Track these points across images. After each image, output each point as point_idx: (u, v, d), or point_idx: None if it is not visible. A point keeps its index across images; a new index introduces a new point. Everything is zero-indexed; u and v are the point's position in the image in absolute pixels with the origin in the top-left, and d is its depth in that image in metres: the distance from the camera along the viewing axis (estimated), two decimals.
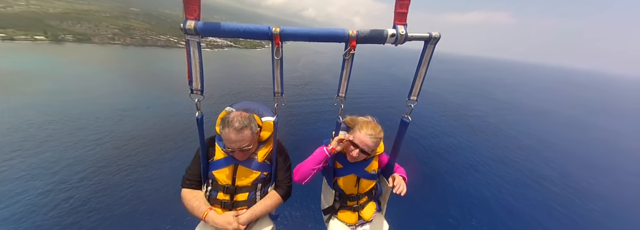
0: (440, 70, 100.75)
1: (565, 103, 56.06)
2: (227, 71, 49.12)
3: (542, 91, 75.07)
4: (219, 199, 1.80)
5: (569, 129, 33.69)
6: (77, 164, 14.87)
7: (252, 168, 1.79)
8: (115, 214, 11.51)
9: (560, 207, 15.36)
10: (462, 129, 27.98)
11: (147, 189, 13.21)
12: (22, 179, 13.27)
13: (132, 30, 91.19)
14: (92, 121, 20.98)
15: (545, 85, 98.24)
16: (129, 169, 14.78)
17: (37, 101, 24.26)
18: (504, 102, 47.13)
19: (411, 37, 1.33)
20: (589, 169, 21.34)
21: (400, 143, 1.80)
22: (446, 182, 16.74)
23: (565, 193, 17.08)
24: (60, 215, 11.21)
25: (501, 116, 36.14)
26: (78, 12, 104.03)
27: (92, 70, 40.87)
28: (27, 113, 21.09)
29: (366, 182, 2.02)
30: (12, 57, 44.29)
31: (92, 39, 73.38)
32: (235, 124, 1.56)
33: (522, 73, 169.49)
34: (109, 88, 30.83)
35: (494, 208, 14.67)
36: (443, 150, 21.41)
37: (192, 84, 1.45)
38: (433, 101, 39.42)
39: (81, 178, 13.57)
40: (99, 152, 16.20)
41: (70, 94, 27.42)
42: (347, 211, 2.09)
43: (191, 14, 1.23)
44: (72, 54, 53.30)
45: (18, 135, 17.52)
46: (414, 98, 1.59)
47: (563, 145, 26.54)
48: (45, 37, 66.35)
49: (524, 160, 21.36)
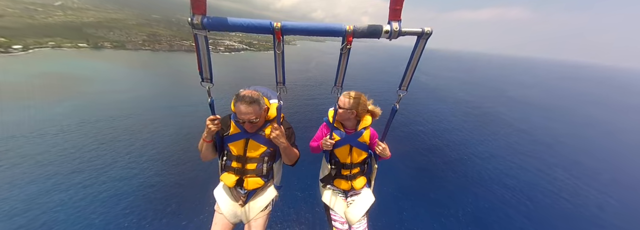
0: (452, 69, 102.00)
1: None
2: (242, 72, 54.83)
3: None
4: (233, 167, 2.20)
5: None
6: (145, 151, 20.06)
7: (260, 142, 2.14)
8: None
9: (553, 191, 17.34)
10: (460, 120, 31.51)
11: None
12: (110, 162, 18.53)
13: (159, 36, 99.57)
14: (156, 116, 26.31)
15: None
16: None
17: (101, 99, 30.08)
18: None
19: (404, 32, 1.39)
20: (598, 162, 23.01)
21: (389, 126, 2.08)
22: (437, 169, 19.20)
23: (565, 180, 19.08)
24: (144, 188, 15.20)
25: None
26: (108, 20, 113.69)
27: (138, 73, 47.49)
28: (98, 109, 26.81)
29: (358, 152, 2.38)
30: (66, 62, 51.72)
31: (126, 46, 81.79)
32: (246, 98, 1.89)
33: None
34: (155, 89, 36.65)
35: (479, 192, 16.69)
36: (449, 144, 24.03)
37: (203, 74, 1.62)
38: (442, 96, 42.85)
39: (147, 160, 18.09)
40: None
41: (126, 93, 33.26)
42: (341, 180, 2.46)
43: (198, 9, 1.31)
44: (115, 59, 60.72)
45: (100, 125, 23.03)
46: (404, 88, 1.73)
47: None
48: (87, 44, 75.11)
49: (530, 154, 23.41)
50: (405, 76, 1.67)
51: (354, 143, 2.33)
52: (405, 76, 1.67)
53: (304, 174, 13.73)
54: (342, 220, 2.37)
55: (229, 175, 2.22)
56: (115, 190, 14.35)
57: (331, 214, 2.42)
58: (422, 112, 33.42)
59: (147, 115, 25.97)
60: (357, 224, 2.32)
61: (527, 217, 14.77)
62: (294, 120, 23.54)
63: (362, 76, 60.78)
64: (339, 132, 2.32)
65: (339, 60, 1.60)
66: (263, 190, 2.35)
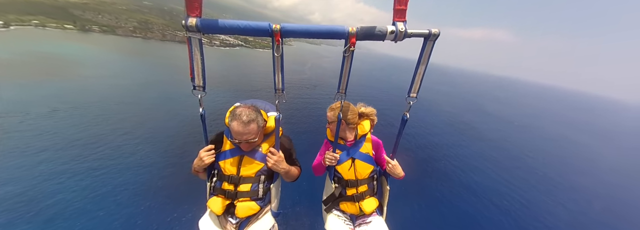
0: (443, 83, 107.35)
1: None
2: (236, 70, 54.76)
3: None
4: (224, 189, 1.92)
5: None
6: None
7: (256, 159, 1.91)
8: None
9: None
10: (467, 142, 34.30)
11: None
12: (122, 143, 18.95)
13: (150, 24, 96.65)
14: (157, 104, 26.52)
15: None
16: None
17: (96, 83, 29.69)
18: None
19: (410, 33, 1.33)
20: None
21: (399, 140, 1.89)
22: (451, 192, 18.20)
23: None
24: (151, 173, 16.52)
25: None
26: (97, 3, 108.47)
27: (133, 60, 46.57)
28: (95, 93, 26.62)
29: (361, 165, 2.11)
30: (53, 43, 49.43)
31: (116, 31, 78.88)
32: (243, 117, 1.70)
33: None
34: (152, 77, 36.45)
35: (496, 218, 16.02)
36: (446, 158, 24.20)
37: (195, 81, 1.49)
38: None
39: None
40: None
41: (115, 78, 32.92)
42: (347, 202, 2.15)
43: (193, 11, 1.24)
44: (104, 44, 58.55)
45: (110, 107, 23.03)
46: (413, 95, 1.62)
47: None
48: (73, 26, 71.69)
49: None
50: (414, 82, 1.59)
51: (357, 155, 2.12)
52: (414, 82, 1.59)
53: (303, 197, 13.21)
54: None
55: (218, 199, 1.95)
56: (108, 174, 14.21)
57: None
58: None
59: (144, 103, 26.15)
60: None
61: None
62: (288, 124, 24.34)
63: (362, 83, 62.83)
64: (339, 146, 2.15)
65: (341, 64, 1.50)
66: (258, 217, 2.04)
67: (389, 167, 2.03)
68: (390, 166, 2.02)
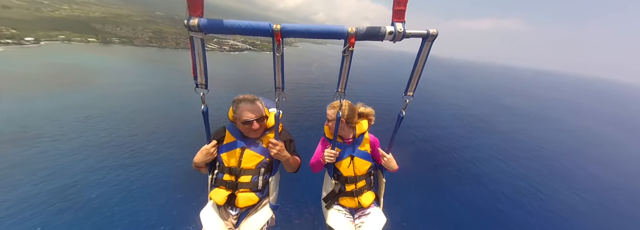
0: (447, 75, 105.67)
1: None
2: (242, 73, 57.02)
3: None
4: (225, 180, 2.02)
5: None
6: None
7: (257, 152, 2.02)
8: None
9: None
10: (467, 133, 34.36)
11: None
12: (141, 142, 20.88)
13: (164, 33, 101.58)
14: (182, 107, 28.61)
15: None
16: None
17: (123, 91, 32.25)
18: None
19: (409, 34, 1.35)
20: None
21: (395, 135, 1.95)
22: (446, 183, 18.49)
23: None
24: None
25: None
26: (114, 16, 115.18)
27: (152, 68, 49.72)
28: (120, 99, 29.04)
29: (360, 162, 2.22)
30: (80, 55, 53.61)
31: (134, 42, 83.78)
32: (248, 97, 1.88)
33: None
34: (170, 82, 38.95)
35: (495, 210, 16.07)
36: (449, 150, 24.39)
37: (197, 79, 1.53)
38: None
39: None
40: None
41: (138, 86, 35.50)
42: (347, 197, 2.26)
43: (195, 11, 1.27)
44: (124, 55, 62.77)
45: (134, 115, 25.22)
46: (410, 94, 1.66)
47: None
48: (96, 39, 76.93)
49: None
50: (411, 81, 1.62)
51: (355, 153, 2.23)
52: (411, 81, 1.62)
53: (303, 193, 13.72)
54: None
55: (220, 191, 2.05)
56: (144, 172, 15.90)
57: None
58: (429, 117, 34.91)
59: (166, 108, 28.23)
60: None
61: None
62: (297, 122, 25.58)
63: (364, 80, 63.57)
64: (339, 144, 2.23)
65: (341, 64, 1.52)
66: (257, 209, 2.15)
67: (385, 160, 2.13)
68: (385, 160, 2.13)
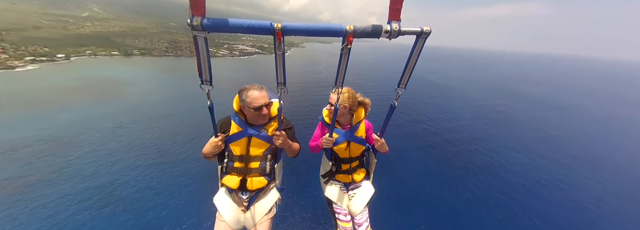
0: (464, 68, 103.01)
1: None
2: (251, 77, 59.37)
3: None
4: (235, 167, 2.20)
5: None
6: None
7: (263, 140, 2.16)
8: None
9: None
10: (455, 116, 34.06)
11: None
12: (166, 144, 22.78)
13: (179, 43, 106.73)
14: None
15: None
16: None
17: (151, 99, 34.95)
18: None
19: (404, 31, 1.40)
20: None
21: (387, 122, 2.11)
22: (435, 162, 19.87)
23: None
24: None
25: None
26: (132, 29, 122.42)
27: (170, 76, 53.13)
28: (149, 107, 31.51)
29: (355, 146, 2.47)
30: (107, 68, 58.18)
31: (152, 52, 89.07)
32: (255, 85, 2.01)
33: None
34: (188, 90, 41.52)
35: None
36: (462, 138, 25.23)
37: (202, 76, 1.61)
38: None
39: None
40: None
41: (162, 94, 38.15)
42: (342, 174, 2.57)
43: (197, 10, 1.30)
44: (145, 65, 67.22)
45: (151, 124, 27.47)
46: (402, 86, 1.74)
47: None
48: (118, 52, 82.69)
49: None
50: (404, 74, 1.68)
51: (352, 138, 2.42)
52: (404, 74, 1.68)
53: (303, 173, 15.64)
54: (345, 213, 2.48)
55: (232, 177, 2.22)
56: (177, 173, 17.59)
57: (335, 208, 2.53)
58: (428, 108, 35.77)
59: (184, 113, 30.42)
60: (360, 215, 2.42)
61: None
62: (306, 118, 27.27)
63: (366, 75, 63.81)
64: (336, 129, 2.37)
65: (339, 60, 1.58)
66: (266, 192, 2.34)
67: (378, 144, 2.30)
68: (379, 144, 2.30)
